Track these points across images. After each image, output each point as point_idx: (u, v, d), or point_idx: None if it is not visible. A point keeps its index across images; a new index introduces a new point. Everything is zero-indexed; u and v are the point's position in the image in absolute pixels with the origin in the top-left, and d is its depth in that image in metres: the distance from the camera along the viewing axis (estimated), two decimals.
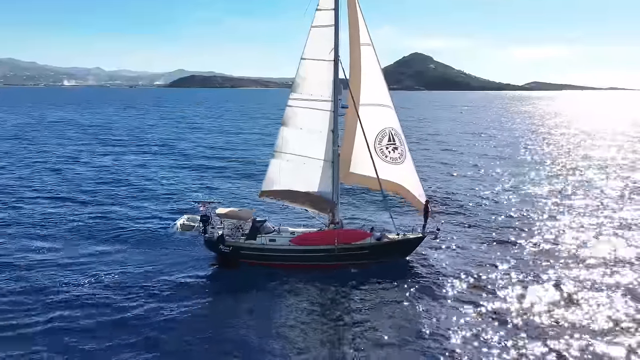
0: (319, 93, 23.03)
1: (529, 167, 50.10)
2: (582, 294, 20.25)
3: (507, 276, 22.19)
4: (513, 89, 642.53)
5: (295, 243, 22.84)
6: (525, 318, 18.31)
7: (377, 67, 23.17)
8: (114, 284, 20.66)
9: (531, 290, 20.75)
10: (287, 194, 24.22)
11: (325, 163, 23.60)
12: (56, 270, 22.21)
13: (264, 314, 18.72)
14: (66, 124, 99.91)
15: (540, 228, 29.30)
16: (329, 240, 22.63)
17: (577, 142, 73.00)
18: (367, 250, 23.02)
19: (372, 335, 17.10)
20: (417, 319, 18.26)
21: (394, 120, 23.71)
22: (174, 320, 17.89)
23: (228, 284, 21.36)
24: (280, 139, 23.82)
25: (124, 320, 17.78)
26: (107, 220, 30.15)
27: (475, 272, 22.53)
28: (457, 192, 38.87)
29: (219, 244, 22.89)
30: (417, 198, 24.24)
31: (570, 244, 26.40)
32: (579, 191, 38.79)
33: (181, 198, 35.90)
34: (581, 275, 22.17)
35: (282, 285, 21.02)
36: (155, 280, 21.10)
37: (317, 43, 22.50)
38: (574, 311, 18.76)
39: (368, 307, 19.33)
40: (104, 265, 22.76)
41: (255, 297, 20.12)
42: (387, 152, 23.69)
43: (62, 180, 42.14)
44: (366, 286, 21.11)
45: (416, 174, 24.22)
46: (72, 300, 19.22)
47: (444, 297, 20.05)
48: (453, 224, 29.90)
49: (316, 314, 18.72)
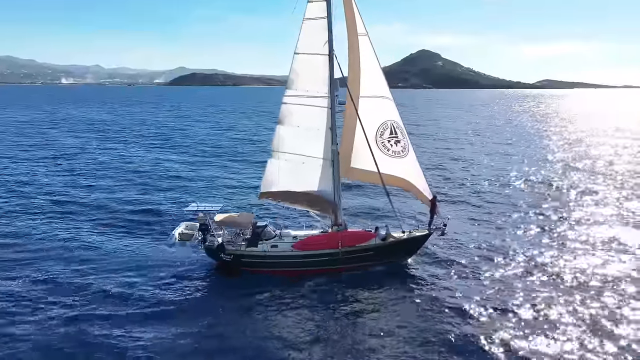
0: (315, 89, 22.69)
1: (538, 164, 49.72)
2: (597, 296, 19.96)
3: (516, 274, 22.10)
4: (523, 87, 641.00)
5: (297, 248, 22.59)
6: (536, 319, 18.17)
7: (374, 59, 22.83)
8: (108, 293, 20.43)
9: (541, 290, 20.58)
10: (286, 195, 23.93)
11: (325, 162, 23.31)
12: (47, 276, 22.08)
13: (267, 321, 18.54)
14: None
15: (552, 225, 29.15)
16: (333, 243, 22.38)
17: (587, 140, 72.52)
18: (373, 252, 22.82)
19: (378, 340, 17.00)
20: (423, 322, 18.12)
21: (394, 112, 23.37)
22: (174, 331, 17.61)
23: (229, 292, 21.09)
24: (277, 138, 23.51)
25: (118, 329, 17.57)
26: (99, 228, 29.64)
27: (484, 270, 22.45)
28: (464, 186, 38.81)
29: (219, 252, 22.71)
30: (422, 192, 23.87)
31: (582, 240, 26.29)
32: (592, 187, 38.41)
33: (179, 204, 35.54)
34: (596, 274, 22.01)
35: (284, 292, 20.81)
36: (152, 290, 20.82)
37: (310, 36, 22.14)
38: (590, 313, 18.55)
39: (373, 309, 19.27)
40: (95, 275, 22.40)
41: (257, 304, 19.88)
42: (389, 146, 23.34)
43: (54, 181, 42.06)
44: (370, 288, 21.01)
45: (420, 168, 23.92)
46: (67, 311, 18.90)
47: (451, 297, 19.90)
48: (460, 220, 29.72)
49: (320, 321, 18.51)
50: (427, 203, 23.95)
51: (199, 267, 23.43)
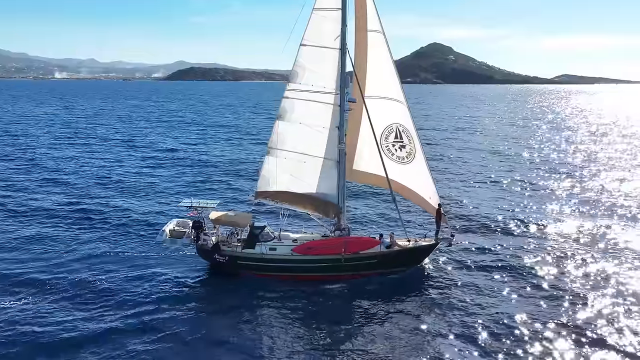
0: (321, 84, 22.48)
1: (552, 172, 49.34)
2: (608, 314, 19.62)
3: (526, 286, 21.85)
4: (541, 82, 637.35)
5: (298, 252, 22.42)
6: (541, 334, 17.95)
7: (387, 57, 22.67)
8: (95, 295, 20.38)
9: (552, 303, 20.37)
10: (285, 196, 23.75)
11: (329, 162, 23.08)
12: (33, 279, 22.02)
13: (261, 327, 18.46)
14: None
15: (567, 234, 28.79)
16: (336, 249, 22.20)
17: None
18: (377, 260, 22.61)
19: (377, 351, 16.92)
20: (426, 336, 17.94)
21: (403, 115, 23.18)
22: (162, 337, 17.52)
23: (222, 296, 20.99)
24: (275, 134, 23.25)
25: (107, 333, 17.59)
26: (86, 223, 29.78)
27: (493, 283, 22.16)
28: (474, 196, 38.34)
29: (213, 253, 22.53)
30: (426, 201, 23.81)
31: (596, 253, 25.82)
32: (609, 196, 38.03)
33: (169, 199, 35.54)
34: (607, 292, 21.54)
35: (281, 297, 20.69)
36: (140, 292, 20.70)
37: (320, 28, 21.92)
38: (600, 334, 18.16)
39: (372, 320, 19.09)
40: (79, 275, 22.32)
41: (252, 310, 19.75)
42: (393, 150, 23.26)
43: (42, 183, 41.95)
44: (372, 297, 20.86)
45: (429, 175, 23.75)
46: (50, 316, 18.86)
47: (456, 311, 19.66)
48: (469, 230, 29.42)
49: (318, 330, 18.38)
50: (432, 212, 23.84)
51: (190, 268, 23.27)
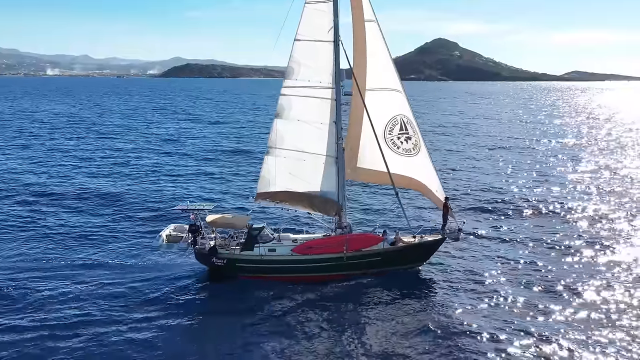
0: (317, 79, 22.59)
1: (559, 167, 49.48)
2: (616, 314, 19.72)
3: (533, 283, 22.01)
4: (550, 79, 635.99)
5: (298, 252, 22.55)
6: (553, 333, 18.03)
7: (383, 48, 22.73)
8: (91, 300, 20.40)
9: (558, 299, 20.53)
10: (285, 196, 23.84)
11: (328, 159, 23.22)
12: (26, 284, 22.03)
13: (260, 330, 18.51)
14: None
15: (575, 230, 28.83)
16: (337, 247, 22.34)
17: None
18: (380, 257, 22.76)
19: (379, 351, 17.02)
20: (433, 336, 18.01)
21: (405, 106, 23.24)
22: (160, 343, 17.56)
23: (221, 300, 21.02)
24: (274, 133, 23.37)
25: (104, 338, 17.62)
26: (80, 228, 29.76)
27: (501, 279, 22.35)
28: (481, 188, 38.58)
29: (211, 256, 22.65)
30: (435, 194, 23.82)
31: (607, 252, 25.88)
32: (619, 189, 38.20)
33: (166, 203, 35.42)
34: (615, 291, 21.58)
35: (280, 299, 20.79)
36: (137, 297, 20.76)
37: (313, 22, 22.07)
38: (610, 335, 18.20)
39: (372, 320, 19.22)
40: (78, 282, 22.24)
41: (252, 313, 19.77)
42: (398, 143, 23.25)
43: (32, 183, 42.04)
44: (376, 296, 21.01)
45: (433, 167, 23.83)
46: (43, 322, 18.84)
47: (463, 309, 19.81)
48: (477, 223, 29.56)
49: (318, 330, 18.49)
50: (439, 205, 23.92)
51: (188, 273, 23.38)
